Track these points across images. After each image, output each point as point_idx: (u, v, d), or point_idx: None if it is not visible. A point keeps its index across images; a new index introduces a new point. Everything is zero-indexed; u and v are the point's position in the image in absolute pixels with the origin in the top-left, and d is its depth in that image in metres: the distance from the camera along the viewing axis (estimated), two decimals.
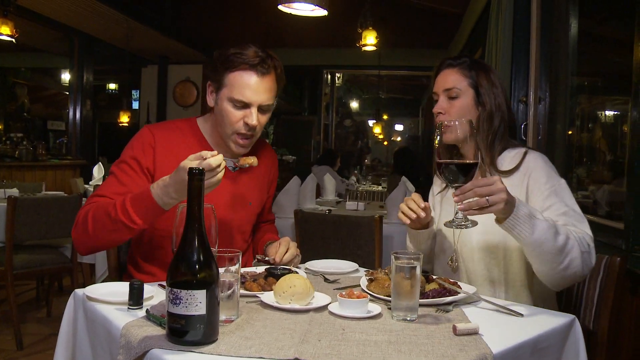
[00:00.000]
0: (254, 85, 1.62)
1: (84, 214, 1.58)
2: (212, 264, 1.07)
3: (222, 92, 1.65)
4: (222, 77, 1.64)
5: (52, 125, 10.68)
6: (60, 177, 6.06)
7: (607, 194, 3.39)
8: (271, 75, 1.66)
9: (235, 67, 1.62)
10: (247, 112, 1.64)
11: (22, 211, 3.25)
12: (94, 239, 1.57)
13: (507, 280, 1.64)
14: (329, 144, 9.28)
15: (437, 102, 1.71)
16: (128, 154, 1.69)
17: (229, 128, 1.67)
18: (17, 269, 3.28)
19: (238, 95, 1.62)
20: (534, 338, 1.18)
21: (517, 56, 3.52)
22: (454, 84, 1.68)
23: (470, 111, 1.68)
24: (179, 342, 1.04)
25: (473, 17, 5.20)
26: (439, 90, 1.71)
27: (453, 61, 1.72)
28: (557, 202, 1.56)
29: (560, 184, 1.60)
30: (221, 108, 1.66)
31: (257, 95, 1.62)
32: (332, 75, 9.67)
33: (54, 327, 3.65)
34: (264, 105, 1.66)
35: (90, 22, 6.20)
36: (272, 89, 1.67)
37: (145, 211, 1.49)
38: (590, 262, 1.48)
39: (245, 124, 1.65)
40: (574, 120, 3.42)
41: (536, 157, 1.66)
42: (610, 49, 3.67)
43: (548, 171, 1.62)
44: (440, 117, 1.68)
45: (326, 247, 2.93)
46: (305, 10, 2.99)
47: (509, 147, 1.71)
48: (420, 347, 1.05)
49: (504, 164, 1.68)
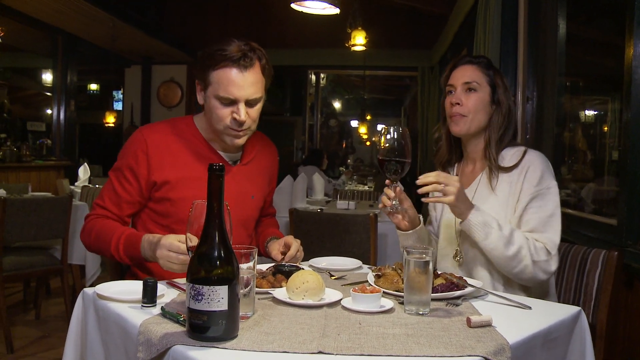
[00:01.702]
0: (238, 81, 1.61)
1: (89, 227, 1.72)
2: (233, 260, 1.07)
3: (208, 90, 1.66)
4: (207, 75, 1.64)
5: (31, 126, 10.49)
6: (44, 178, 5.97)
7: (592, 192, 3.47)
8: (255, 69, 1.65)
9: (218, 65, 1.61)
10: (234, 108, 1.64)
11: (11, 212, 3.20)
12: (95, 251, 1.75)
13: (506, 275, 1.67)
14: (314, 144, 9.29)
15: (453, 94, 1.75)
16: (122, 161, 1.73)
17: (220, 124, 1.67)
18: (6, 271, 3.23)
19: (223, 93, 1.62)
20: (545, 329, 1.21)
21: (505, 56, 3.57)
22: (474, 78, 1.73)
23: (486, 107, 1.74)
24: (200, 338, 1.04)
25: (459, 18, 5.26)
26: (458, 82, 1.75)
27: (473, 59, 1.78)
28: (538, 206, 1.65)
29: (550, 187, 1.67)
30: (210, 106, 1.67)
31: (241, 90, 1.62)
32: (317, 75, 9.67)
33: (44, 330, 3.61)
34: (250, 99, 1.65)
35: (74, 21, 6.11)
36: (258, 81, 1.66)
37: (131, 256, 1.63)
38: (548, 268, 1.61)
39: (234, 119, 1.65)
40: (562, 119, 3.48)
41: (535, 156, 1.71)
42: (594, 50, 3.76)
43: (543, 172, 1.68)
44: (457, 108, 1.73)
45: (322, 245, 2.94)
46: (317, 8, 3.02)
47: (513, 145, 1.77)
48: (438, 339, 1.08)
49: (505, 161, 1.73)
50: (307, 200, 4.59)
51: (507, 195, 1.70)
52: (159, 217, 1.75)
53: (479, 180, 1.78)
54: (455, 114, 1.73)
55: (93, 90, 11.80)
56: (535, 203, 1.65)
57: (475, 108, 1.72)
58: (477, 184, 1.78)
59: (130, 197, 1.72)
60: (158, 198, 1.73)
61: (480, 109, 1.72)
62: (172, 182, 1.71)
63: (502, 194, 1.71)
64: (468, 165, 1.85)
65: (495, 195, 1.71)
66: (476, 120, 1.73)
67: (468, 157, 1.85)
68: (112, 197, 1.73)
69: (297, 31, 7.48)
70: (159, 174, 1.69)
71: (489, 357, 1.00)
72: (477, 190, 1.77)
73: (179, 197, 1.70)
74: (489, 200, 1.72)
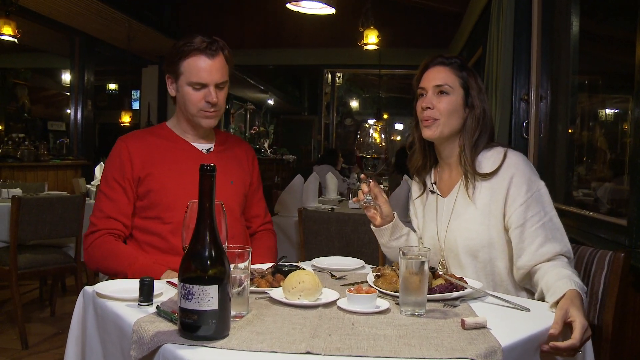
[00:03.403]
0: (207, 66, 1.78)
1: (90, 242, 1.80)
2: (224, 260, 1.08)
3: (180, 80, 1.81)
4: (178, 66, 1.80)
5: (52, 125, 10.68)
6: (62, 177, 6.07)
7: (609, 192, 3.41)
8: (220, 57, 1.82)
9: (188, 55, 1.78)
10: (206, 92, 1.80)
11: (26, 211, 3.26)
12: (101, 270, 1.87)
13: (494, 282, 1.64)
14: (330, 144, 9.28)
15: (425, 97, 1.68)
16: (110, 171, 1.85)
17: (194, 108, 1.82)
18: (21, 269, 3.29)
19: (195, 78, 1.79)
20: (541, 331, 1.19)
21: (519, 54, 3.53)
22: (446, 81, 1.66)
23: (458, 110, 1.67)
24: (191, 337, 1.05)
25: (473, 16, 5.21)
26: (429, 85, 1.68)
27: (445, 60, 1.71)
28: (538, 213, 1.56)
29: (539, 189, 1.60)
30: (183, 93, 1.82)
31: (211, 75, 1.79)
32: (332, 74, 9.67)
33: (58, 327, 3.67)
34: (219, 83, 1.82)
35: (91, 22, 6.20)
36: (224, 67, 1.83)
37: None
38: None
39: (207, 102, 1.81)
40: (576, 118, 3.43)
41: (517, 158, 1.63)
42: (611, 47, 3.69)
43: (529, 175, 1.60)
44: (428, 112, 1.66)
45: (330, 245, 2.94)
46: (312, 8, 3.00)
47: (489, 148, 1.69)
48: (429, 341, 1.07)
49: (482, 164, 1.66)
50: (320, 200, 4.59)
51: (487, 203, 1.62)
52: (146, 212, 1.83)
53: (458, 188, 1.71)
54: (428, 118, 1.66)
55: (112, 90, 11.95)
56: (534, 210, 1.57)
57: (448, 112, 1.65)
58: (457, 191, 1.71)
59: (128, 200, 1.83)
60: (143, 193, 1.82)
61: (452, 113, 1.65)
62: (154, 173, 1.83)
63: (481, 202, 1.63)
64: (444, 171, 1.78)
65: (474, 204, 1.64)
66: (448, 125, 1.66)
67: (443, 162, 1.77)
68: (111, 207, 1.81)
69: (313, 31, 7.49)
70: (141, 168, 1.83)
71: (479, 359, 0.99)
72: (457, 198, 1.70)
73: (161, 185, 1.81)
74: (468, 210, 1.65)
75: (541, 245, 1.55)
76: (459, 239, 1.65)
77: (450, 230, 1.69)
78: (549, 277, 1.46)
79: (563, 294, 1.33)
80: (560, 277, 1.42)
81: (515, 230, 1.58)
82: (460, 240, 1.65)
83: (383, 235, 1.77)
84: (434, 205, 1.78)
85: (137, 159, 1.83)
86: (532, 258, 1.55)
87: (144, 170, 1.82)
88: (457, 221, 1.68)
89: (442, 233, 1.71)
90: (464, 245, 1.64)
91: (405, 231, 1.81)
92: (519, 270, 1.59)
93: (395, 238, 1.78)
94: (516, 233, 1.58)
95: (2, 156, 5.59)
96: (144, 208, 1.83)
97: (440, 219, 1.73)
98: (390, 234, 1.76)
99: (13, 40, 4.81)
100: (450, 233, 1.69)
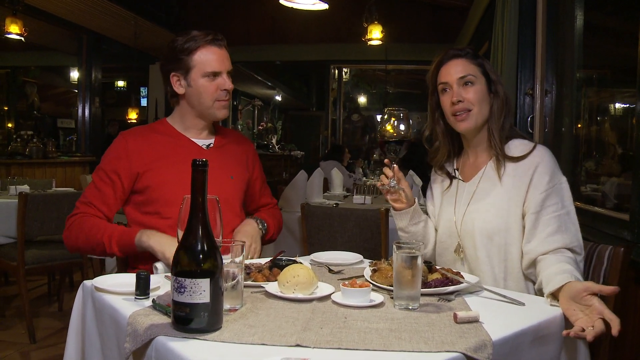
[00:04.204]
0: (218, 56, 1.85)
1: (72, 222, 1.81)
2: (216, 253, 1.09)
3: (193, 74, 1.84)
4: (188, 61, 1.83)
5: (62, 123, 10.77)
6: (70, 174, 6.12)
7: (616, 187, 3.38)
8: (225, 47, 1.89)
9: (197, 48, 1.83)
10: (219, 80, 1.85)
11: (32, 207, 3.29)
12: (82, 249, 1.84)
13: (507, 267, 1.65)
14: (337, 139, 9.27)
15: (450, 91, 1.70)
16: (104, 162, 1.87)
17: (210, 99, 1.86)
18: (28, 264, 3.33)
19: (210, 68, 1.83)
20: (534, 326, 1.19)
21: (523, 48, 3.50)
22: (468, 71, 1.69)
23: (485, 97, 1.71)
24: (183, 329, 1.06)
25: (479, 11, 5.18)
26: (452, 79, 1.70)
27: (459, 52, 1.73)
28: (556, 204, 1.61)
29: (561, 182, 1.64)
30: (197, 86, 1.85)
31: (222, 63, 1.85)
32: (339, 70, 9.65)
33: (66, 321, 3.66)
34: (230, 70, 1.88)
35: (98, 20, 6.24)
36: (229, 57, 1.90)
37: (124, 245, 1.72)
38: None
39: (223, 89, 1.86)
40: (581, 113, 3.40)
41: (544, 151, 1.68)
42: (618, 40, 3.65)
43: (553, 167, 1.65)
44: (460, 105, 1.68)
45: (333, 240, 2.95)
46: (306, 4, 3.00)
47: (517, 137, 1.74)
48: (420, 334, 1.07)
49: (511, 151, 1.70)
50: (326, 195, 4.59)
51: (510, 189, 1.67)
52: (145, 207, 1.85)
53: (482, 172, 1.75)
54: (461, 111, 1.69)
55: (120, 87, 12.02)
56: (552, 200, 1.61)
57: (478, 101, 1.69)
58: (481, 176, 1.75)
59: (114, 193, 1.85)
60: (141, 188, 1.84)
61: (482, 101, 1.69)
62: (153, 169, 1.84)
63: (507, 185, 1.68)
64: (469, 158, 1.82)
65: (501, 185, 1.68)
66: (481, 114, 1.70)
67: (470, 149, 1.81)
68: (96, 195, 1.83)
69: (320, 26, 7.47)
70: (140, 164, 1.84)
71: (468, 353, 0.99)
72: (480, 182, 1.74)
73: (160, 180, 1.83)
74: (493, 191, 1.69)
75: (552, 234, 1.58)
76: (476, 221, 1.68)
77: (469, 212, 1.72)
78: (551, 269, 1.48)
79: (560, 286, 1.35)
80: (561, 271, 1.43)
81: (531, 216, 1.62)
82: (478, 222, 1.68)
83: (403, 219, 1.78)
84: (453, 191, 1.82)
85: (136, 154, 1.84)
86: (541, 244, 1.58)
87: (143, 165, 1.84)
88: (477, 205, 1.71)
89: (460, 216, 1.74)
90: (481, 228, 1.67)
91: (423, 217, 1.83)
92: (525, 255, 1.62)
93: (414, 223, 1.79)
94: (531, 218, 1.62)
95: (11, 153, 5.65)
96: (143, 203, 1.85)
97: (460, 203, 1.76)
98: (410, 217, 1.77)
99: (20, 38, 4.84)
100: (468, 215, 1.72)
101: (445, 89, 1.72)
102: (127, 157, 1.84)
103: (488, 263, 1.67)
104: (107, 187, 1.83)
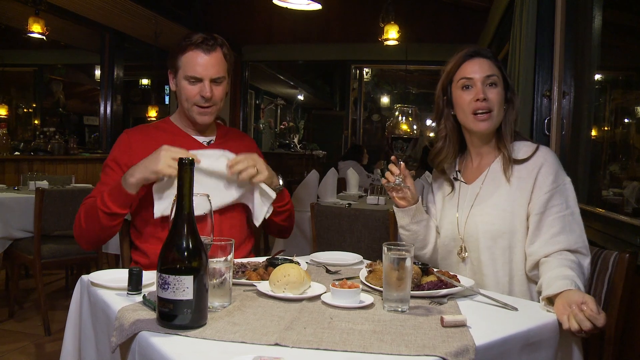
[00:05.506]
0: (203, 61, 1.81)
1: (78, 214, 1.82)
2: (201, 251, 1.09)
3: (179, 74, 1.86)
4: (177, 61, 1.85)
5: (87, 120, 10.98)
6: (90, 170, 6.22)
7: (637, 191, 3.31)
8: (217, 52, 1.85)
9: (185, 50, 1.83)
10: (201, 86, 1.83)
11: (49, 202, 3.36)
12: (88, 233, 1.79)
13: (511, 270, 1.63)
14: (357, 139, 9.24)
15: (473, 88, 1.67)
16: (109, 158, 1.91)
17: (188, 102, 1.86)
18: (45, 258, 3.41)
19: (191, 72, 1.82)
20: (524, 332, 1.17)
21: (541, 49, 3.44)
22: (494, 72, 1.67)
23: (502, 102, 1.69)
24: (167, 325, 1.07)
25: (499, 11, 5.11)
26: (478, 76, 1.66)
27: (485, 52, 1.72)
28: (560, 204, 1.59)
29: (565, 183, 1.62)
30: (180, 87, 1.86)
31: (206, 70, 1.82)
32: (360, 70, 9.62)
33: None
34: (215, 78, 1.84)
35: (119, 18, 6.33)
36: (220, 63, 1.85)
37: (117, 196, 1.71)
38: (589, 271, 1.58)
39: (201, 97, 1.83)
40: (599, 115, 3.33)
41: (548, 152, 1.67)
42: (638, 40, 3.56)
43: (557, 168, 1.63)
44: (484, 103, 1.65)
45: (342, 240, 2.94)
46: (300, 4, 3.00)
47: (520, 139, 1.73)
48: (403, 337, 1.06)
49: (518, 153, 1.69)
50: (340, 195, 4.58)
51: (515, 189, 1.65)
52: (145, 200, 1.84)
53: (485, 174, 1.73)
54: (484, 109, 1.65)
55: (144, 85, 12.18)
56: (556, 201, 1.59)
57: (499, 103, 1.67)
58: (484, 178, 1.73)
59: None
60: None
61: (501, 105, 1.67)
62: None
63: (512, 187, 1.66)
64: (473, 160, 1.79)
65: (509, 186, 1.66)
66: (498, 116, 1.68)
67: (474, 151, 1.78)
68: (100, 189, 1.84)
69: (341, 26, 7.46)
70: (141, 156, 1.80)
71: (448, 357, 0.98)
72: (483, 184, 1.72)
73: None
74: (497, 192, 1.67)
75: (556, 235, 1.56)
76: (480, 224, 1.66)
77: (472, 215, 1.70)
78: (552, 273, 1.45)
79: (558, 293, 1.32)
80: (563, 276, 1.40)
81: (535, 217, 1.60)
82: (482, 225, 1.66)
83: (405, 217, 1.77)
84: (456, 193, 1.80)
85: (137, 149, 1.87)
86: (544, 245, 1.56)
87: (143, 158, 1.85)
88: (480, 206, 1.69)
89: (463, 219, 1.72)
90: (484, 231, 1.65)
91: (425, 216, 1.81)
92: (529, 256, 1.60)
93: (416, 221, 1.78)
94: (535, 219, 1.60)
95: (34, 149, 5.77)
96: (144, 198, 1.86)
97: (462, 205, 1.75)
98: (412, 215, 1.76)
99: (42, 37, 4.94)
100: (471, 218, 1.70)
101: (468, 86, 1.68)
102: (129, 151, 1.87)
103: (492, 266, 1.65)
104: (109, 179, 1.86)
